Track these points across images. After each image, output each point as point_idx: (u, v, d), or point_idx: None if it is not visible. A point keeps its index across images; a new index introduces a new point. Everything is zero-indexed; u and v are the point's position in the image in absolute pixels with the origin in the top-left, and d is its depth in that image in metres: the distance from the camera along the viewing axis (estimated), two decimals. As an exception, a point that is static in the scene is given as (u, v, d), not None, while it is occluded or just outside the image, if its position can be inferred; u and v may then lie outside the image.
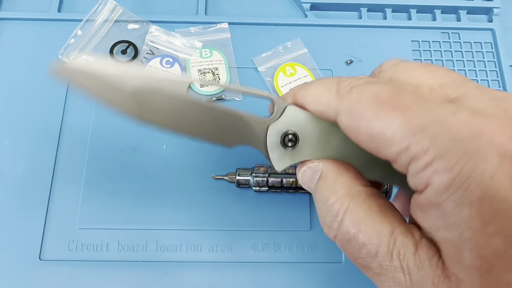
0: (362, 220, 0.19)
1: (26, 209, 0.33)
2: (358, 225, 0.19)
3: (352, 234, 0.19)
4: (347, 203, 0.20)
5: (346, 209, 0.20)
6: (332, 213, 0.20)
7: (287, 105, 0.22)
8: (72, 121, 0.36)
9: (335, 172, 0.21)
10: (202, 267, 0.32)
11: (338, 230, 0.20)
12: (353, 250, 0.19)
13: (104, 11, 0.39)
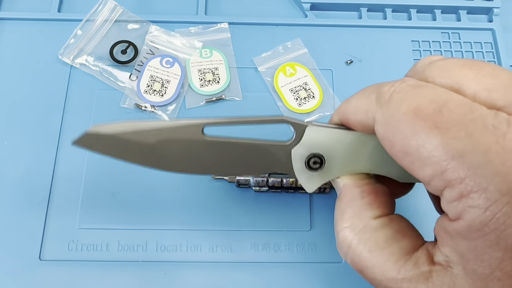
0: (366, 259, 0.19)
1: (26, 209, 0.33)
2: (362, 262, 0.19)
3: (358, 268, 0.19)
4: (351, 238, 0.19)
5: (350, 244, 0.19)
6: (339, 241, 0.20)
7: (306, 126, 0.21)
8: (72, 121, 0.36)
9: (349, 198, 0.20)
10: (202, 267, 0.32)
11: (347, 257, 0.19)
12: (364, 276, 0.19)
13: (104, 11, 0.39)
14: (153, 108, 0.36)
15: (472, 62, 0.18)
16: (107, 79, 0.37)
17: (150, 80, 0.37)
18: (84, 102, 0.36)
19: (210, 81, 0.37)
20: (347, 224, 0.19)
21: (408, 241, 0.19)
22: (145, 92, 0.37)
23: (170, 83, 0.37)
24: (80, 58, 0.38)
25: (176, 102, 0.37)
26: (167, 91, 0.37)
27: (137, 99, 0.36)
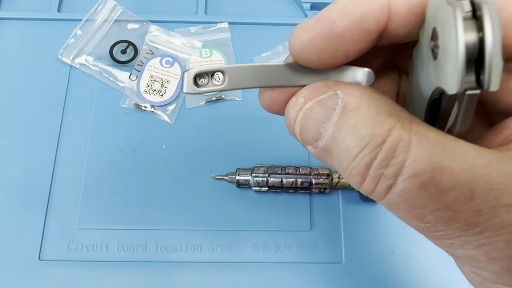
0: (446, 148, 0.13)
1: (26, 209, 0.33)
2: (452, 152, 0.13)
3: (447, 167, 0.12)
4: (408, 134, 0.13)
5: (409, 142, 0.13)
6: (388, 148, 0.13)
7: None
8: (72, 121, 0.36)
9: (370, 99, 0.14)
10: (202, 267, 0.32)
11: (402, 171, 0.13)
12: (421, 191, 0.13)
13: (104, 11, 0.39)
14: (153, 108, 0.36)
15: None
16: (107, 79, 0.37)
17: (150, 80, 0.37)
18: (84, 102, 0.36)
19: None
20: (394, 122, 0.13)
21: None
22: (145, 92, 0.36)
23: (170, 83, 0.37)
24: (80, 58, 0.38)
25: (176, 102, 0.37)
26: (167, 91, 0.37)
27: (137, 99, 0.36)
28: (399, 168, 0.13)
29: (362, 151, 0.13)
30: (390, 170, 0.13)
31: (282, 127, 0.36)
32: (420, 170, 0.12)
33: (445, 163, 0.12)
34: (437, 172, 0.12)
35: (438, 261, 0.32)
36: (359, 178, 0.14)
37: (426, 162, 0.12)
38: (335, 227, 0.33)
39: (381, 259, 0.32)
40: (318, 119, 0.15)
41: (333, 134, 0.14)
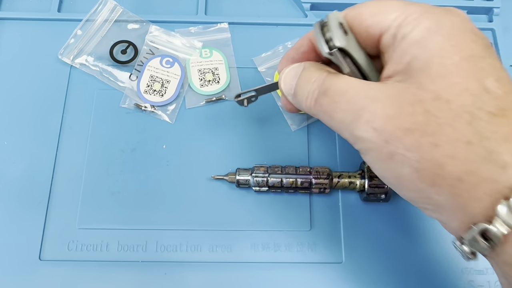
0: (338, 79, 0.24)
1: (26, 209, 0.33)
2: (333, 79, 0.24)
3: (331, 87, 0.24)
4: (326, 73, 0.25)
5: (326, 76, 0.24)
6: (318, 82, 0.25)
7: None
8: (72, 121, 0.36)
9: (316, 64, 0.26)
10: (202, 267, 0.32)
11: (320, 89, 0.24)
12: (331, 99, 0.24)
13: (104, 11, 0.39)
14: (153, 108, 0.36)
15: None
16: (107, 79, 0.37)
17: (150, 80, 0.37)
18: (84, 102, 0.36)
19: (210, 81, 0.37)
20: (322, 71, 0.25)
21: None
22: (145, 92, 0.37)
23: (170, 83, 0.37)
24: (80, 58, 0.38)
25: (176, 102, 0.37)
26: (167, 91, 0.37)
27: (137, 99, 0.36)
28: (317, 91, 0.24)
29: (308, 85, 0.25)
30: (315, 93, 0.24)
31: (282, 127, 0.36)
32: (324, 89, 0.24)
33: (336, 84, 0.24)
34: (331, 88, 0.24)
35: (438, 261, 0.32)
36: (305, 101, 0.25)
37: (326, 85, 0.24)
38: (335, 227, 0.33)
39: (381, 259, 0.32)
40: (290, 76, 0.27)
41: (297, 82, 0.26)
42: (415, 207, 0.23)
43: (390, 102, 0.21)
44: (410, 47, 0.21)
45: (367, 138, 0.22)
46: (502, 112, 0.19)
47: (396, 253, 0.33)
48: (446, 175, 0.20)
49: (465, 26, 0.22)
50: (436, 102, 0.20)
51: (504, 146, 0.19)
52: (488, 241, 0.19)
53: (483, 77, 0.20)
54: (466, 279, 0.32)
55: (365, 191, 0.32)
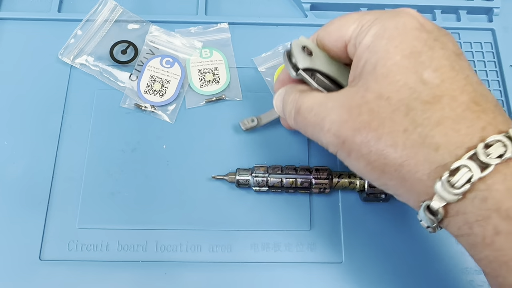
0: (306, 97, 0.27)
1: (26, 209, 0.33)
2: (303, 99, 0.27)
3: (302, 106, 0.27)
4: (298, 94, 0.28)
5: (298, 97, 0.27)
6: (292, 103, 0.28)
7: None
8: (72, 121, 0.36)
9: (290, 87, 0.29)
10: (202, 267, 0.32)
11: (295, 109, 0.27)
12: (302, 116, 0.27)
13: (104, 11, 0.39)
14: (153, 108, 0.36)
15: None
16: (107, 79, 0.37)
17: (150, 80, 0.37)
18: (84, 102, 0.36)
19: (210, 81, 0.37)
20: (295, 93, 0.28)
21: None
22: (145, 92, 0.37)
23: (170, 83, 0.37)
24: (80, 58, 0.38)
25: (176, 102, 0.37)
26: (167, 91, 0.37)
27: (137, 99, 0.36)
28: (293, 110, 0.27)
29: (287, 107, 0.28)
30: (292, 112, 0.28)
31: (282, 127, 0.36)
32: (297, 109, 0.27)
33: (304, 103, 0.27)
34: (301, 107, 0.27)
35: (438, 261, 0.32)
36: (289, 120, 0.29)
37: (298, 105, 0.27)
38: (335, 227, 0.33)
39: (381, 259, 0.32)
40: (278, 102, 0.30)
41: (282, 105, 0.29)
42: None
43: (343, 108, 0.24)
44: (363, 52, 0.24)
45: (331, 142, 0.25)
46: (436, 99, 0.21)
47: (396, 253, 0.33)
48: (390, 162, 0.22)
49: (408, 25, 0.23)
50: (378, 100, 0.22)
51: (437, 129, 0.21)
52: (434, 215, 0.22)
53: (421, 70, 0.22)
54: (466, 278, 0.32)
55: (365, 191, 0.32)
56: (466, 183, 0.20)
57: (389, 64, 0.22)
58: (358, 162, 0.24)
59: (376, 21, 0.24)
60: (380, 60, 0.23)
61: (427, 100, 0.21)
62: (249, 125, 0.35)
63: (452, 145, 0.21)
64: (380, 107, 0.22)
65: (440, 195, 0.21)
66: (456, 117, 0.21)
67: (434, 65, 0.22)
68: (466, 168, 0.20)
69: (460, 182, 0.20)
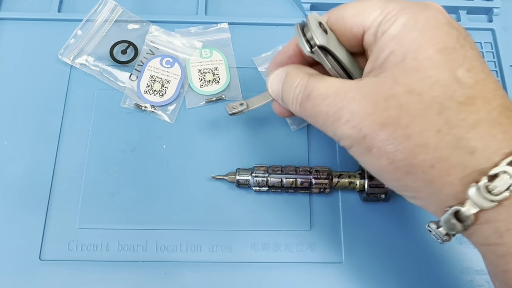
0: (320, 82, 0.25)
1: (26, 209, 0.33)
2: (315, 84, 0.25)
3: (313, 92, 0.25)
4: (307, 78, 0.26)
5: (307, 81, 0.26)
6: (300, 87, 0.26)
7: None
8: (72, 121, 0.36)
9: (297, 68, 0.27)
10: (202, 267, 0.32)
11: (303, 94, 0.26)
12: (313, 103, 0.25)
13: (104, 11, 0.39)
14: (153, 108, 0.36)
15: None
16: (107, 79, 0.37)
17: (150, 80, 0.37)
18: (84, 102, 0.36)
19: (210, 81, 0.37)
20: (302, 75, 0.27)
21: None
22: (145, 92, 0.37)
23: (170, 83, 0.37)
24: (80, 58, 0.38)
25: (176, 102, 0.37)
26: (167, 91, 0.37)
27: (137, 99, 0.36)
28: (301, 95, 0.26)
29: (291, 91, 0.27)
30: (299, 98, 0.26)
31: (282, 127, 0.36)
32: (306, 94, 0.25)
33: (317, 89, 0.25)
34: (313, 93, 0.25)
35: (438, 261, 0.32)
36: (291, 105, 0.27)
37: (308, 90, 0.25)
38: (335, 227, 0.33)
39: (381, 259, 0.32)
40: (275, 82, 0.28)
41: (282, 87, 0.28)
42: (415, 206, 0.24)
43: (366, 100, 0.22)
44: (388, 43, 0.22)
45: (348, 135, 0.23)
46: (471, 101, 0.20)
47: (396, 253, 0.33)
48: (419, 163, 0.21)
49: (439, 20, 0.22)
50: (409, 95, 0.21)
51: (472, 132, 0.20)
52: (462, 222, 0.21)
53: (455, 68, 0.21)
54: (465, 279, 0.32)
55: (365, 191, 0.32)
56: (505, 190, 0.19)
57: (421, 57, 0.21)
58: (379, 160, 0.22)
59: (404, 11, 0.23)
60: (410, 52, 0.21)
61: (461, 100, 0.20)
62: (236, 110, 0.32)
63: (489, 150, 0.20)
64: (411, 102, 0.21)
65: (474, 201, 0.20)
66: (491, 121, 0.20)
67: (467, 65, 0.21)
68: (507, 174, 0.19)
69: (499, 189, 0.19)
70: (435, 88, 0.21)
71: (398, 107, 0.21)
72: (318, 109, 0.24)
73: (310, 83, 0.25)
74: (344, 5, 0.25)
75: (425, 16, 0.22)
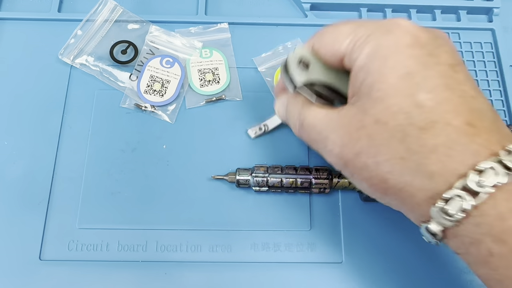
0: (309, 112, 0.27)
1: (26, 209, 0.33)
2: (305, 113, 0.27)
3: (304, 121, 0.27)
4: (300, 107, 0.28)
5: (300, 110, 0.27)
6: (297, 116, 0.28)
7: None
8: (72, 121, 0.36)
9: (293, 98, 0.29)
10: (202, 267, 0.32)
11: (298, 123, 0.28)
12: (306, 132, 0.27)
13: (104, 11, 0.39)
14: (153, 108, 0.36)
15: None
16: (107, 79, 0.37)
17: (150, 80, 0.37)
18: (84, 102, 0.36)
19: (210, 81, 0.37)
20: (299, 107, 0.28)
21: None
22: (145, 92, 0.37)
23: (170, 83, 0.37)
24: (80, 58, 0.38)
25: (176, 102, 0.37)
26: (167, 91, 0.37)
27: (137, 99, 0.36)
28: (298, 123, 0.28)
29: (291, 119, 0.29)
30: (296, 125, 0.28)
31: (281, 127, 0.36)
32: (300, 123, 0.27)
33: (307, 118, 0.27)
34: (304, 122, 0.27)
35: (438, 261, 0.32)
36: (293, 130, 0.29)
37: (301, 120, 0.27)
38: (335, 227, 0.33)
39: (381, 259, 0.32)
40: (280, 110, 0.31)
41: (286, 115, 0.30)
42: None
43: (343, 130, 0.24)
44: (358, 73, 0.24)
45: (334, 162, 0.26)
46: (430, 125, 0.21)
47: (396, 253, 0.33)
48: (390, 187, 0.23)
49: (402, 42, 0.23)
50: (376, 125, 0.22)
51: (431, 157, 0.21)
52: (434, 236, 0.23)
53: (416, 93, 0.22)
54: (466, 279, 0.32)
55: (365, 191, 0.32)
56: (459, 212, 0.20)
57: (384, 87, 0.22)
58: (361, 184, 0.25)
59: (368, 38, 0.23)
60: (376, 83, 0.22)
61: (421, 125, 0.21)
62: (258, 134, 0.35)
63: (445, 173, 0.21)
64: (377, 133, 0.22)
65: (437, 221, 0.22)
66: (450, 143, 0.21)
67: (429, 86, 0.22)
68: (458, 197, 0.20)
69: (453, 211, 0.20)
70: (398, 116, 0.22)
71: (367, 137, 0.23)
72: (310, 137, 0.27)
73: (302, 112, 0.27)
74: (323, 31, 0.26)
75: (387, 41, 0.23)
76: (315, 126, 0.26)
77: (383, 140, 0.22)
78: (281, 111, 0.30)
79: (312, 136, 0.26)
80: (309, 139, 0.27)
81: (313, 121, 0.26)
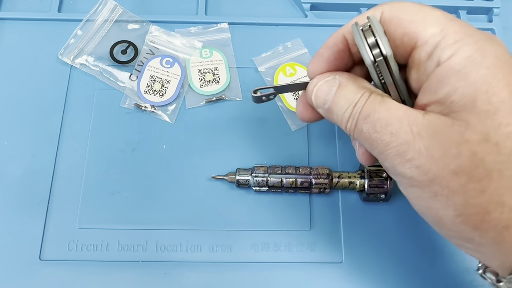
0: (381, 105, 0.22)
1: (26, 209, 0.33)
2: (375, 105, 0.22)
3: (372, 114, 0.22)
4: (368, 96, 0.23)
5: (369, 100, 0.22)
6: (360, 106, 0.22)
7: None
8: (72, 121, 0.36)
9: (353, 81, 0.24)
10: (202, 267, 0.32)
11: (361, 115, 0.22)
12: (372, 127, 0.22)
13: (104, 11, 0.39)
14: (153, 108, 0.36)
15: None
16: (107, 79, 0.37)
17: (150, 80, 0.37)
18: (84, 102, 0.36)
19: (210, 81, 0.37)
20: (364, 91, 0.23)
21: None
22: (145, 92, 0.37)
23: (170, 83, 0.37)
24: (80, 58, 0.38)
25: (176, 102, 0.37)
26: (167, 91, 0.37)
27: (137, 99, 0.36)
28: (358, 115, 0.22)
29: (347, 108, 0.23)
30: (355, 117, 0.22)
31: (282, 127, 0.36)
32: (364, 115, 0.22)
33: (378, 112, 0.22)
34: (372, 115, 0.22)
35: (439, 261, 0.32)
36: (345, 122, 0.23)
37: (367, 111, 0.22)
38: (335, 227, 0.33)
39: (381, 259, 0.32)
40: (324, 91, 0.24)
41: (333, 99, 0.24)
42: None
43: (435, 141, 0.20)
44: (450, 77, 0.20)
45: (410, 175, 0.21)
46: None
47: (396, 253, 0.33)
48: (492, 221, 0.19)
49: (507, 57, 0.20)
50: (484, 144, 0.19)
51: None
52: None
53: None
54: (466, 279, 0.32)
55: (365, 191, 0.32)
56: None
57: (495, 101, 0.19)
58: (444, 210, 0.20)
59: (468, 40, 0.20)
60: (481, 94, 0.19)
61: None
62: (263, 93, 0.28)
63: None
64: (486, 153, 0.19)
65: None
66: None
67: None
68: None
69: None
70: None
71: (471, 156, 0.19)
72: (376, 136, 0.21)
73: (369, 103, 0.22)
74: (401, 4, 0.22)
75: (493, 50, 0.20)
76: (389, 125, 0.21)
77: (494, 164, 0.19)
78: (322, 93, 0.24)
79: (380, 135, 0.21)
80: (372, 138, 0.22)
81: (386, 116, 0.21)
